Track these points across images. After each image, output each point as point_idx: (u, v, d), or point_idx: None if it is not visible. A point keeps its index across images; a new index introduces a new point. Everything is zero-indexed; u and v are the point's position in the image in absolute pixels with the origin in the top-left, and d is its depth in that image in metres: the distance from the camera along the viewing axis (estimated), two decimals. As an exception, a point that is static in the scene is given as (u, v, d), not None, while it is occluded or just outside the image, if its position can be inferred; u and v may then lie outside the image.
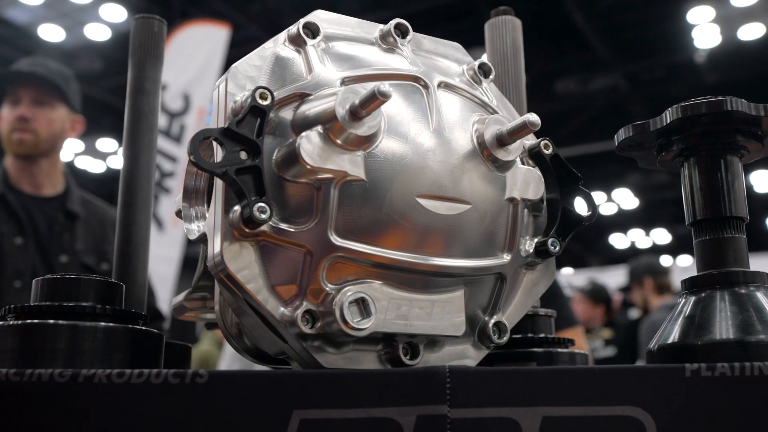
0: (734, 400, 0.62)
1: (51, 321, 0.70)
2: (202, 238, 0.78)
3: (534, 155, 0.82)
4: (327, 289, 0.69)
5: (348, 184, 0.68)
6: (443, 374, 0.63)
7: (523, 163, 0.82)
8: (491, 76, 0.85)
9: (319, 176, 0.68)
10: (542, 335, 0.97)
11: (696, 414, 0.62)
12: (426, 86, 0.75)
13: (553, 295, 2.80)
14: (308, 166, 0.67)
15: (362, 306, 0.68)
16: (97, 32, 8.28)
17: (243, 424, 0.62)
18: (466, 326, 0.77)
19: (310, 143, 0.67)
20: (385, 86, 0.66)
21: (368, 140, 0.69)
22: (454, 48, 0.86)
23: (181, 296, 0.94)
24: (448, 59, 0.84)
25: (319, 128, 0.68)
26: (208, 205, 0.81)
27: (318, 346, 0.70)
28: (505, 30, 1.07)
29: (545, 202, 0.82)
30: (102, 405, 0.63)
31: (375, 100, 0.66)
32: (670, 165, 0.83)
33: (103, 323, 0.71)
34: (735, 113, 0.76)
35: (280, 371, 0.64)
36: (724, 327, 0.72)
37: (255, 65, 0.74)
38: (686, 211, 0.80)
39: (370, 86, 0.67)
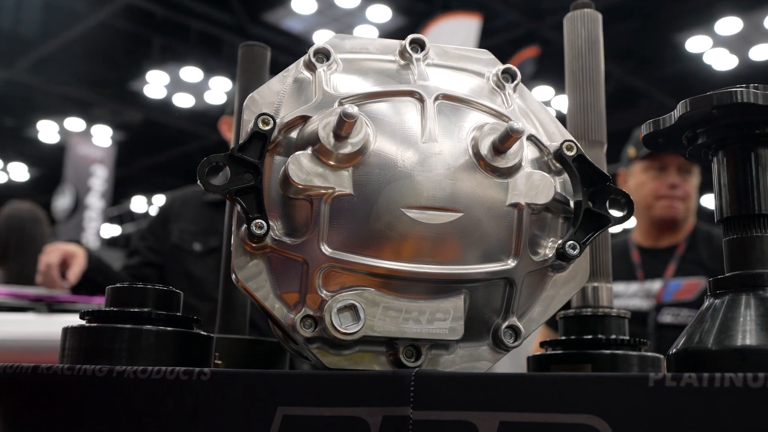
0: (700, 413, 0.59)
1: (114, 324, 0.83)
2: (232, 252, 0.87)
3: (557, 157, 0.81)
4: (322, 296, 0.74)
5: (338, 198, 0.74)
6: (409, 378, 0.67)
7: (549, 166, 0.82)
8: (516, 81, 0.85)
9: (311, 193, 0.74)
10: (613, 336, 0.95)
11: (658, 426, 0.60)
12: (421, 99, 0.78)
13: None
14: (299, 186, 0.73)
15: (355, 312, 0.74)
16: (365, 33, 8.78)
17: (236, 416, 0.70)
18: (482, 330, 0.79)
19: (298, 163, 0.73)
20: (352, 109, 0.70)
21: (357, 155, 0.74)
22: (479, 57, 0.87)
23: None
24: (469, 69, 0.85)
25: (309, 149, 0.74)
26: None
27: (323, 348, 0.76)
28: (581, 23, 1.05)
29: (572, 204, 0.81)
30: (129, 396, 0.74)
31: (344, 122, 0.71)
32: (702, 159, 0.78)
33: (154, 327, 0.83)
34: (745, 105, 0.70)
35: (267, 372, 0.71)
36: (732, 333, 0.68)
37: (274, 90, 0.81)
38: (715, 208, 0.75)
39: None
